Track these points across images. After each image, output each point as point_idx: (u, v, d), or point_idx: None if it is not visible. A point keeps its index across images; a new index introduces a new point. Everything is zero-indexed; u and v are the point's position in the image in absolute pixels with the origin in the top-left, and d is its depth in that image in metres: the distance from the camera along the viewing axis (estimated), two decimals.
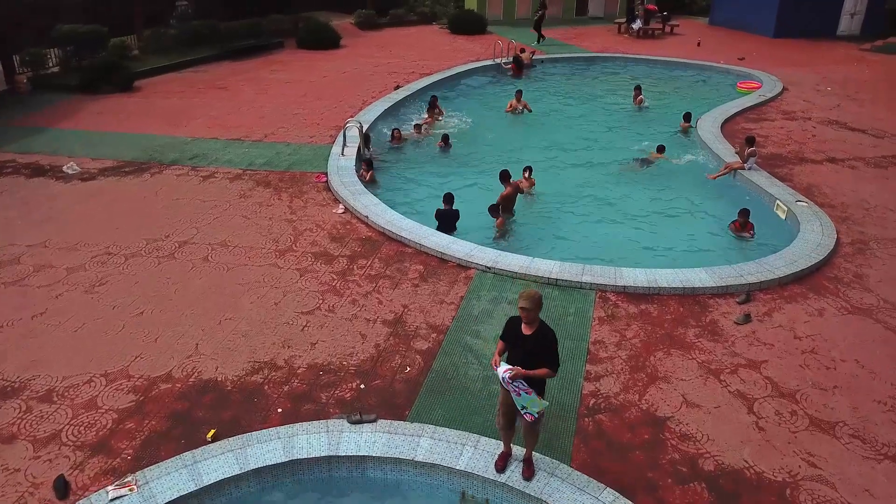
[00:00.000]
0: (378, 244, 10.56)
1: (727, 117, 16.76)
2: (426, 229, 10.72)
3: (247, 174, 13.35)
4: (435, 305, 8.91)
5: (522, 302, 5.46)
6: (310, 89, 19.73)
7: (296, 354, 7.91)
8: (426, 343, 8.13)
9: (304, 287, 9.33)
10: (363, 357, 7.88)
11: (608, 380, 7.53)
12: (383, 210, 11.35)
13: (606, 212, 12.39)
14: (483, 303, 8.98)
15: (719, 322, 8.62)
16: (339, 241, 10.62)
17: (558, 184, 13.61)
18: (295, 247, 10.45)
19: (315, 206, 11.93)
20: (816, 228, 10.81)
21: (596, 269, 9.50)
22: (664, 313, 8.79)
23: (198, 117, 16.98)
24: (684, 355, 7.96)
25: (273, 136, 15.57)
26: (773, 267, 9.62)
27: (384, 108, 17.41)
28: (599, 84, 21.96)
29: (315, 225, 11.18)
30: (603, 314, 8.76)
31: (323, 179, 12.93)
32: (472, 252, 10.01)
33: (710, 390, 7.37)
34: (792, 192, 12.29)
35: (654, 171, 14.19)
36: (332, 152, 14.15)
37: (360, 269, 9.79)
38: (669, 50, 26.04)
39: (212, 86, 20.13)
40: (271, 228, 11.05)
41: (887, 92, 19.96)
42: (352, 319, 8.59)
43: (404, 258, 10.14)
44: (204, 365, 7.71)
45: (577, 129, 17.17)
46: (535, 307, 5.46)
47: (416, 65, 23.06)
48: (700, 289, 9.18)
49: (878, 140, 15.46)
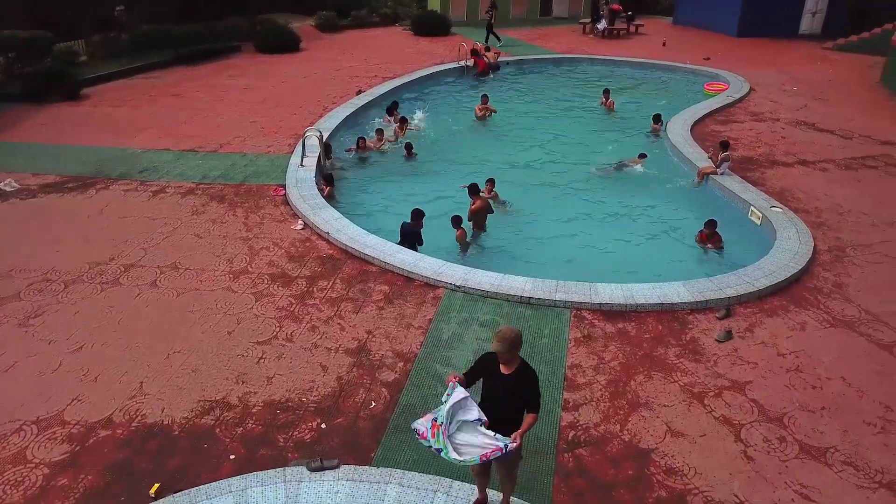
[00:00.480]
0: (340, 263, 9.97)
1: (696, 119, 16.49)
2: (391, 246, 10.16)
3: (200, 188, 12.62)
4: (401, 330, 8.36)
5: (497, 345, 4.93)
6: (268, 95, 18.98)
7: (251, 391, 7.29)
8: (392, 374, 7.57)
9: (259, 313, 8.69)
10: (324, 392, 7.29)
11: (587, 409, 7.07)
12: (345, 225, 10.76)
13: (578, 222, 11.97)
14: (453, 325, 8.45)
15: (700, 340, 8.22)
16: (297, 261, 10.00)
17: (528, 194, 13.15)
18: (251, 268, 9.79)
19: (272, 221, 11.27)
20: (792, 235, 10.52)
21: (570, 286, 9.04)
22: (643, 332, 8.37)
23: (149, 127, 16.15)
24: (666, 378, 7.53)
25: (229, 147, 14.83)
26: (752, 279, 9.27)
27: (346, 115, 16.77)
28: (567, 86, 21.60)
29: (272, 243, 10.54)
30: (579, 335, 8.30)
31: (281, 193, 12.27)
32: (440, 270, 9.48)
33: (694, 417, 6.95)
34: (766, 197, 12.01)
35: (627, 178, 13.79)
36: (291, 163, 13.49)
37: (320, 292, 9.19)
38: (635, 50, 25.85)
39: (165, 93, 19.26)
40: (225, 248, 10.38)
41: (852, 91, 19.96)
42: (311, 349, 7.99)
43: (368, 278, 9.56)
44: (149, 406, 7.04)
45: (546, 134, 16.74)
46: (510, 349, 4.94)
47: (379, 68, 22.45)
48: (679, 304, 8.78)
49: (847, 141, 15.33)
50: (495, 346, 4.92)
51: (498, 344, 4.91)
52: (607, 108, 18.29)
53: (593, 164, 14.54)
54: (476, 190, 11.48)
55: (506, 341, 4.89)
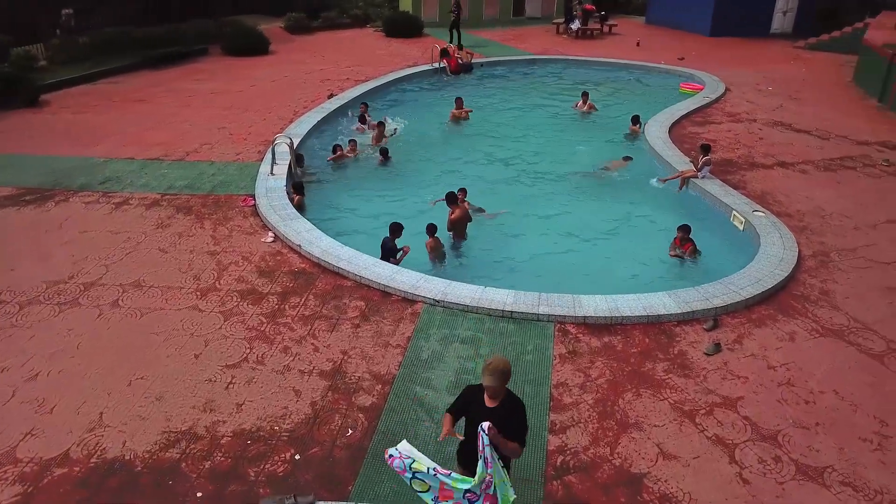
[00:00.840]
0: (312, 277, 9.54)
1: (674, 121, 16.32)
2: (367, 258, 9.75)
3: (165, 199, 12.08)
4: (379, 350, 7.96)
5: (489, 379, 4.57)
6: (236, 100, 18.43)
7: (219, 420, 6.85)
8: (370, 398, 7.17)
9: (228, 334, 8.24)
10: (298, 419, 6.87)
11: (575, 431, 6.75)
12: (318, 237, 10.33)
13: (558, 230, 11.64)
14: (433, 343, 8.08)
15: (688, 354, 7.96)
16: (268, 276, 9.55)
17: (506, 201, 12.81)
18: (219, 284, 9.33)
19: (241, 234, 10.80)
20: (776, 241, 10.33)
21: (553, 299, 8.72)
22: (629, 346, 8.08)
23: (112, 134, 15.52)
24: (655, 395, 7.24)
25: (196, 155, 14.29)
26: (738, 287, 9.04)
27: (317, 120, 16.30)
28: (543, 88, 21.33)
29: (241, 257, 10.07)
30: (564, 350, 7.99)
31: (250, 203, 11.79)
32: (418, 283, 9.10)
33: (686, 437, 6.67)
34: (748, 201, 11.83)
35: (607, 184, 13.52)
36: (261, 171, 13.00)
37: (292, 309, 8.75)
38: (610, 50, 25.72)
39: (129, 98, 18.60)
40: (192, 263, 9.89)
41: (826, 90, 19.99)
42: (284, 372, 7.56)
43: (343, 293, 9.15)
44: (109, 440, 6.57)
45: (523, 138, 16.43)
46: (502, 382, 4.59)
47: (351, 71, 22.00)
48: (665, 316, 8.51)
49: (824, 141, 15.26)
50: (487, 380, 4.57)
51: (490, 378, 4.55)
52: (586, 111, 17.99)
53: (576, 167, 14.29)
54: (454, 199, 11.12)
55: (498, 375, 4.54)
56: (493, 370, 4.54)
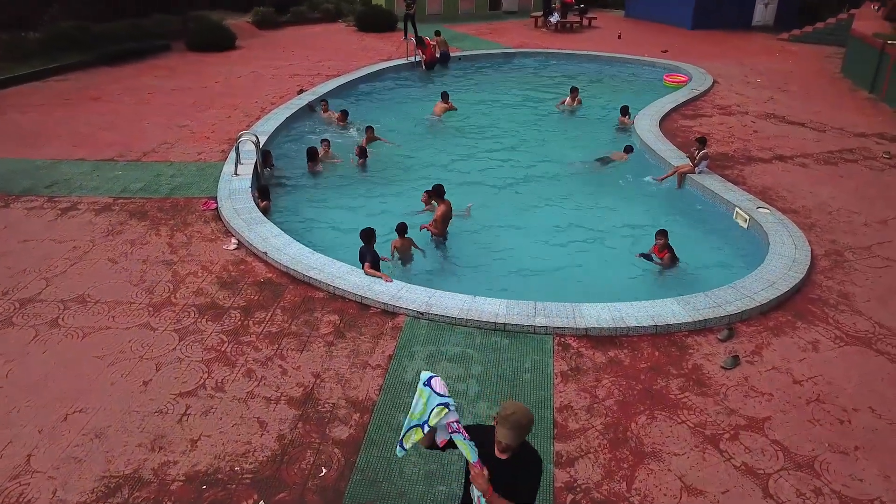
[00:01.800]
0: (280, 289, 8.53)
1: (664, 114, 15.54)
2: (340, 266, 8.77)
3: (118, 204, 10.97)
4: (356, 371, 6.99)
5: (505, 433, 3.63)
6: (200, 97, 17.27)
7: (170, 460, 5.83)
8: (347, 429, 6.21)
9: (184, 355, 7.21)
10: (262, 456, 5.88)
11: (585, 463, 5.85)
12: (286, 243, 9.32)
13: (550, 231, 10.72)
14: (418, 362, 7.14)
15: (704, 368, 7.11)
16: (230, 288, 8.52)
17: (493, 201, 11.91)
18: (174, 298, 8.28)
19: (201, 241, 9.75)
20: (786, 240, 9.55)
21: (551, 308, 7.82)
22: (637, 360, 7.21)
23: (61, 135, 14.30)
24: (671, 418, 6.38)
25: (154, 155, 13.16)
26: (751, 292, 8.22)
27: (286, 116, 15.24)
28: (525, 82, 20.42)
29: (201, 266, 9.03)
30: (566, 367, 7.09)
31: (212, 206, 10.73)
32: (399, 293, 8.15)
33: (711, 467, 5.80)
34: (750, 196, 11.05)
35: (601, 184, 12.58)
36: (224, 172, 11.93)
37: (257, 326, 7.74)
38: (591, 44, 24.96)
39: (83, 96, 17.33)
40: (145, 274, 8.82)
41: (814, 82, 19.41)
42: (247, 400, 6.56)
43: (314, 306, 8.16)
44: (36, 489, 5.53)
45: (510, 133, 15.49)
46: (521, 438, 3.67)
47: (322, 66, 20.92)
48: (675, 325, 7.66)
49: (821, 134, 14.59)
50: (504, 435, 3.63)
51: (509, 434, 3.60)
52: (575, 106, 17.04)
53: (574, 159, 13.43)
54: (442, 192, 10.17)
55: (519, 430, 3.60)
56: (515, 424, 3.58)
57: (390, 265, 9.36)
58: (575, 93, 17.05)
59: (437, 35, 21.66)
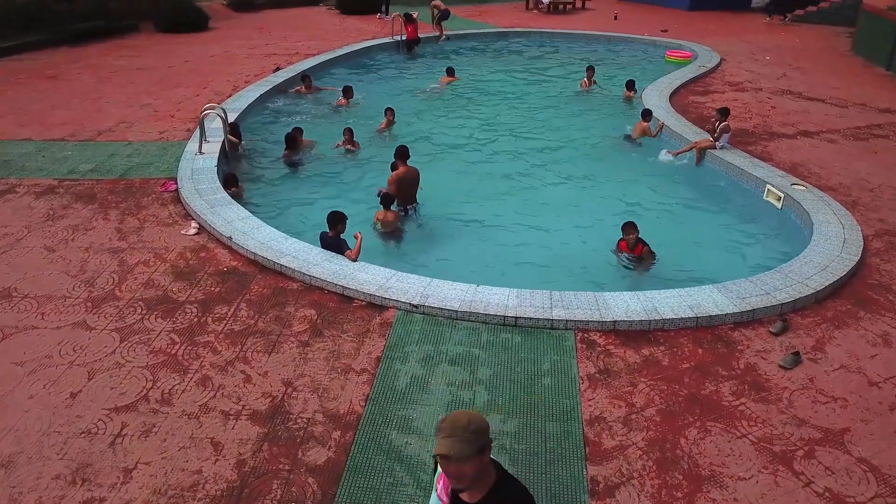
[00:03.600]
0: (247, 279, 7.19)
1: (673, 90, 14.32)
2: (318, 253, 7.45)
3: (63, 186, 9.56)
4: (336, 378, 5.68)
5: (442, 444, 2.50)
6: (166, 75, 15.80)
7: (95, 496, 4.51)
8: (324, 451, 4.90)
9: (125, 360, 5.86)
10: (216, 489, 4.57)
11: (628, 492, 4.59)
12: (254, 227, 7.97)
13: (560, 216, 9.40)
14: (412, 365, 5.84)
15: (759, 367, 5.87)
16: (187, 279, 7.17)
17: (497, 182, 10.61)
18: (119, 291, 6.91)
19: (156, 226, 8.37)
20: (831, 219, 8.36)
21: (570, 298, 6.55)
22: (678, 360, 5.96)
23: (7, 114, 12.79)
24: (729, 430, 5.13)
25: (111, 134, 11.73)
26: (802, 277, 7.00)
27: (260, 93, 13.84)
28: (526, 63, 19.02)
29: (154, 255, 7.66)
30: (593, 369, 5.82)
31: (171, 188, 9.35)
32: (388, 282, 6.84)
33: (788, 495, 4.57)
34: (781, 173, 9.85)
35: (614, 163, 11.23)
36: (187, 150, 10.54)
37: (217, 323, 6.40)
38: (585, 24, 23.72)
39: (38, 75, 15.79)
40: (86, 264, 7.45)
41: (825, 60, 18.30)
42: (199, 415, 5.23)
43: (286, 299, 6.83)
44: None
45: (513, 111, 14.19)
46: (471, 449, 2.51)
47: (301, 45, 19.50)
48: (718, 317, 6.42)
49: (843, 110, 13.44)
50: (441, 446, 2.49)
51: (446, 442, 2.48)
52: (588, 87, 15.55)
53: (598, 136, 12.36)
54: (406, 154, 8.91)
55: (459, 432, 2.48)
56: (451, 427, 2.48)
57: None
58: (591, 72, 15.49)
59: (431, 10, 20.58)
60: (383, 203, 8.65)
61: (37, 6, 19.54)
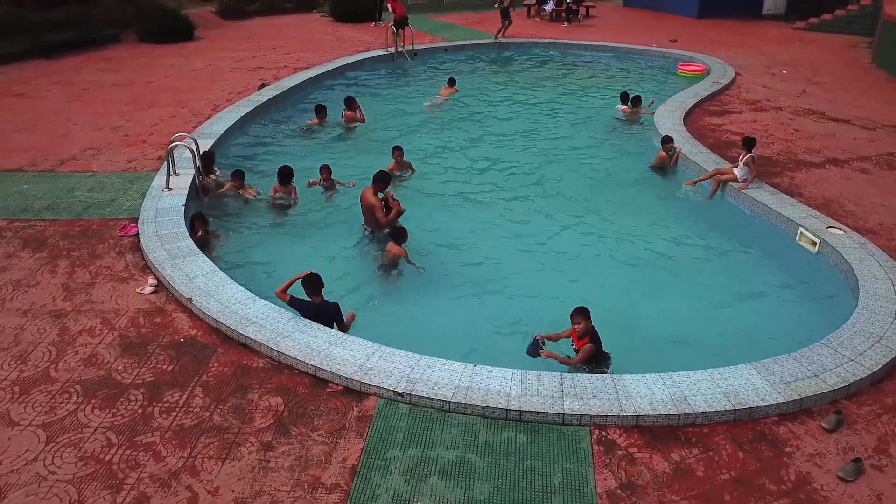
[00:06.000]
0: (206, 354, 6.16)
1: (687, 110, 13.29)
2: (289, 318, 6.43)
3: (11, 228, 8.53)
4: (302, 497, 4.65)
5: None
6: (144, 93, 14.78)
7: None
8: None
9: (46, 470, 4.84)
10: None
11: None
12: (219, 285, 6.95)
13: (559, 266, 8.32)
14: (395, 479, 4.81)
15: (813, 478, 4.86)
16: (136, 353, 6.15)
17: (490, 217, 9.61)
18: (54, 371, 5.89)
19: (109, 281, 7.35)
20: (877, 272, 7.34)
21: (584, 383, 5.54)
22: (715, 468, 4.94)
23: None
24: None
25: (74, 163, 10.70)
26: (854, 352, 6.00)
27: (241, 115, 12.81)
28: (522, 76, 18.07)
29: (101, 321, 6.63)
30: (613, 482, 4.80)
31: (132, 231, 8.33)
32: (369, 360, 5.82)
33: None
34: (814, 212, 8.84)
35: (623, 200, 10.11)
36: (154, 185, 9.52)
37: (164, 415, 5.38)
38: (590, 33, 22.71)
39: (5, 92, 14.71)
40: (22, 333, 6.43)
41: (845, 74, 17.28)
42: None
43: (250, 381, 5.80)
44: None
45: (514, 135, 13.20)
46: None
47: (290, 58, 18.47)
48: (759, 409, 5.39)
49: (872, 133, 12.43)
50: None
51: None
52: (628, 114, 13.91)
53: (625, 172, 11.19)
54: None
55: None
56: None
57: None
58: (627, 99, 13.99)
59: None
60: (395, 237, 8.03)
61: (11, 15, 18.52)
